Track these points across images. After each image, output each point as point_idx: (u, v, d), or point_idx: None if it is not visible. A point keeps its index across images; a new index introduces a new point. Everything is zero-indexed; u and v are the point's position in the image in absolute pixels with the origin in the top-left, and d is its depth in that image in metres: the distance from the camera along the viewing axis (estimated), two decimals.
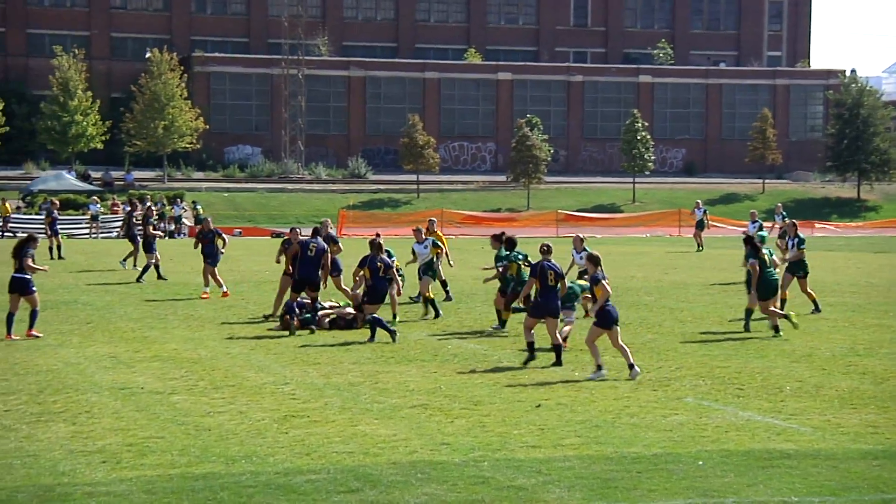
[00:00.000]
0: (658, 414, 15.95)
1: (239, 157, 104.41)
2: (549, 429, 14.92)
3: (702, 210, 58.04)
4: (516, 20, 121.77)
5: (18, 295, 23.29)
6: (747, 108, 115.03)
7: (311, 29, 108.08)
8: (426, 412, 15.94)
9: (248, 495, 11.79)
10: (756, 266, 24.46)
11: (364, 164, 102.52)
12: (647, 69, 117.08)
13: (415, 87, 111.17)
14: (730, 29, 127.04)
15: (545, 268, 20.48)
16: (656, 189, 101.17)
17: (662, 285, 35.80)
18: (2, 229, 67.65)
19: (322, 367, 19.65)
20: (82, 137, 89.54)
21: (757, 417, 15.81)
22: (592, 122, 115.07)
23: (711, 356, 21.26)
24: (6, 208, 68.55)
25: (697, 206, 58.94)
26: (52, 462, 13.03)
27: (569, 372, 19.39)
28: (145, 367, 19.63)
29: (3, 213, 68.32)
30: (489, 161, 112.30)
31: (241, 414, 15.72)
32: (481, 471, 12.78)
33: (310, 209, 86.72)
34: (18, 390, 17.32)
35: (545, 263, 20.59)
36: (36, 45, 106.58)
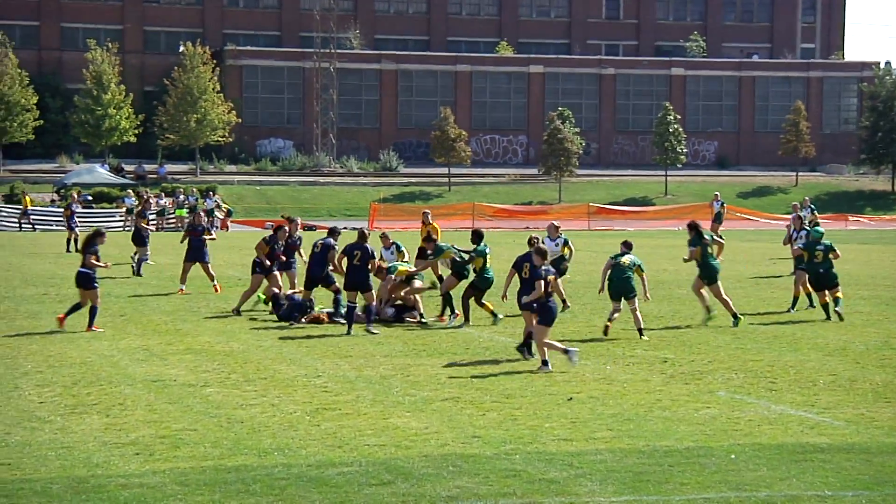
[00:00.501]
0: (690, 407, 15.90)
1: (271, 150, 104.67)
2: (580, 422, 14.90)
3: (720, 203, 57.47)
4: (548, 13, 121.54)
5: (81, 288, 23.75)
6: (780, 101, 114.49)
7: (343, 22, 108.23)
8: (458, 405, 15.94)
9: (280, 487, 11.82)
10: (698, 252, 25.41)
11: (395, 157, 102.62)
12: (680, 62, 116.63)
13: (446, 81, 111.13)
14: (763, 21, 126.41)
15: (521, 260, 20.51)
16: (688, 182, 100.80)
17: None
18: (20, 221, 67.89)
19: (354, 359, 19.69)
20: (115, 131, 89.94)
21: (790, 411, 15.74)
22: (624, 115, 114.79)
23: (744, 349, 21.18)
24: (28, 201, 68.72)
25: (716, 199, 58.26)
26: (86, 454, 13.10)
27: (600, 365, 19.36)
28: (178, 359, 19.71)
29: (25, 207, 68.48)
30: (521, 154, 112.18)
31: (274, 406, 15.76)
32: (513, 464, 12.77)
33: (341, 202, 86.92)
34: (53, 382, 17.42)
35: (523, 256, 20.61)
36: (70, 39, 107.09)
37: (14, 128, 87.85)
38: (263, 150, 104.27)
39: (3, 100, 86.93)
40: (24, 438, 13.78)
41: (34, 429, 14.31)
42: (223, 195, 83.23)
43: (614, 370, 18.89)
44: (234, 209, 79.20)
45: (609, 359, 20.05)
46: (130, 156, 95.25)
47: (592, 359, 20.03)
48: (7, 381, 17.41)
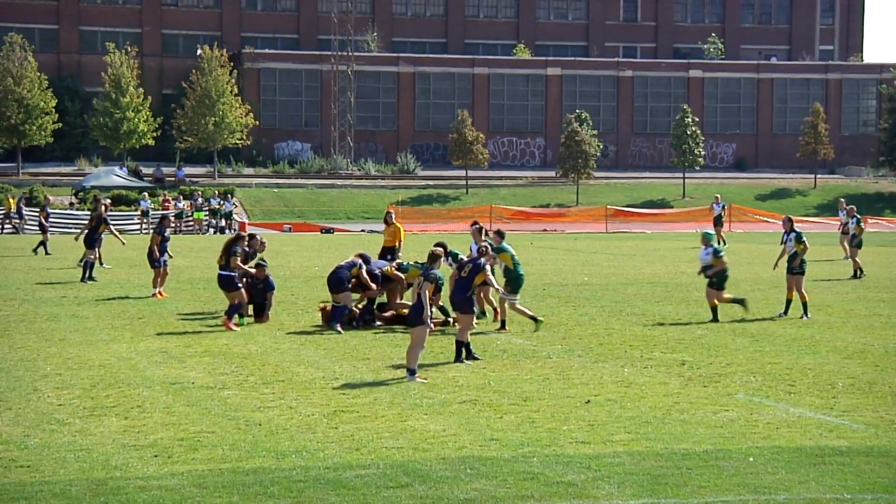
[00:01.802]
0: (708, 410, 15.87)
1: (289, 152, 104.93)
2: (598, 425, 14.88)
3: (720, 205, 57.41)
4: (566, 15, 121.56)
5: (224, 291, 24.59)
6: (799, 103, 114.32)
7: (361, 25, 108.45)
8: (475, 408, 15.94)
9: (298, 490, 11.83)
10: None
11: (413, 159, 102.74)
12: (698, 64, 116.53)
13: (464, 83, 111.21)
14: (781, 23, 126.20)
15: (463, 263, 20.70)
16: (707, 184, 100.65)
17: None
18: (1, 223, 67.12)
19: (371, 362, 19.69)
20: (134, 134, 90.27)
21: (809, 414, 15.69)
22: (642, 117, 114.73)
23: (762, 352, 21.12)
24: (10, 203, 68.04)
25: (716, 201, 58.10)
26: (105, 456, 13.13)
27: (618, 368, 19.34)
28: (196, 361, 19.74)
29: (8, 209, 67.74)
30: (538, 156, 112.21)
31: (291, 409, 15.78)
32: (531, 466, 12.76)
33: (359, 205, 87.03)
34: (72, 385, 17.47)
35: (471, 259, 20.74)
36: (89, 42, 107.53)
37: (33, 131, 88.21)
38: (281, 153, 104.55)
39: (23, 103, 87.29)
40: (43, 440, 13.82)
41: (53, 431, 14.35)
42: (241, 198, 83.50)
43: (632, 373, 18.87)
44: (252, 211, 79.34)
45: (627, 361, 20.02)
46: (149, 159, 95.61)
47: (610, 361, 20.01)
48: (26, 384, 17.47)
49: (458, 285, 20.39)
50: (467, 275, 20.41)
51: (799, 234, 26.96)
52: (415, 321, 18.39)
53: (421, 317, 18.23)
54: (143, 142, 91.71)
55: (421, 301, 18.27)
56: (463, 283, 20.15)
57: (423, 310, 18.22)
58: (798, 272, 26.66)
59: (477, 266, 20.06)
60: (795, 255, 26.73)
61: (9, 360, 19.74)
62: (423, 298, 18.25)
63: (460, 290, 20.38)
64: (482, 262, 19.78)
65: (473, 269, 19.99)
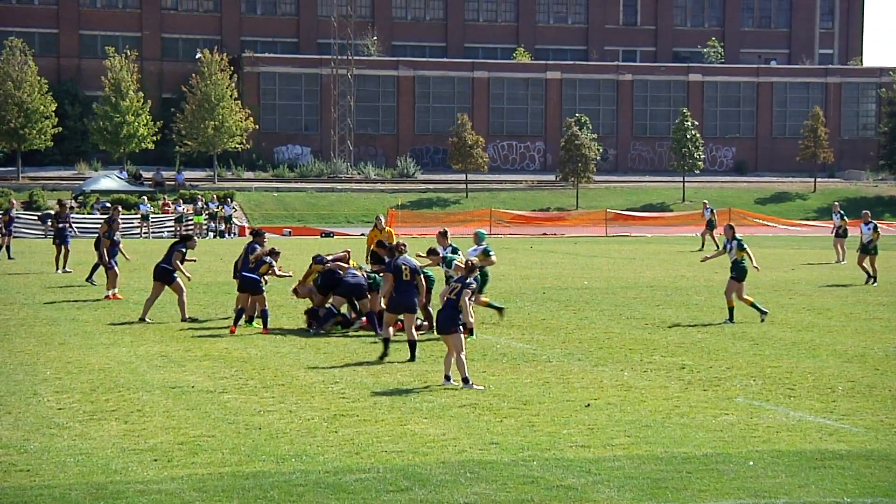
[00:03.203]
0: (708, 414, 15.86)
1: (289, 156, 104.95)
2: (598, 428, 14.88)
3: (709, 210, 58.09)
4: (565, 19, 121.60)
5: (248, 294, 24.54)
6: (799, 107, 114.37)
7: (361, 29, 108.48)
8: (475, 411, 15.94)
9: (298, 494, 11.83)
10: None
11: (413, 163, 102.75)
12: (697, 67, 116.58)
13: (464, 87, 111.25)
14: (781, 27, 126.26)
15: (398, 264, 20.57)
16: (706, 188, 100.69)
17: (712, 284, 35.62)
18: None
19: (371, 366, 19.69)
20: (134, 138, 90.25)
21: (809, 417, 15.69)
22: (642, 121, 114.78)
23: (762, 356, 21.12)
24: None
25: (705, 207, 59.15)
26: (105, 460, 13.13)
27: (618, 372, 19.34)
28: (196, 365, 19.74)
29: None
30: (538, 160, 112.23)
31: (291, 413, 15.78)
32: (531, 470, 12.76)
33: (359, 209, 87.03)
34: (72, 389, 17.47)
35: (398, 260, 20.68)
36: (88, 46, 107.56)
37: (33, 135, 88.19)
38: (281, 157, 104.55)
39: (23, 107, 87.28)
40: (43, 444, 13.82)
41: (53, 435, 14.35)
42: (241, 201, 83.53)
43: (632, 376, 18.87)
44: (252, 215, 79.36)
45: (627, 365, 20.02)
46: (148, 163, 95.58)
47: (610, 365, 20.01)
48: (26, 388, 17.47)
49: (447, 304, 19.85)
50: (408, 278, 20.37)
51: (740, 241, 26.90)
52: (448, 328, 18.42)
53: (455, 324, 18.27)
54: (143, 146, 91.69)
55: (455, 307, 18.31)
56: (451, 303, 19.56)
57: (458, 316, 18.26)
58: (735, 278, 26.50)
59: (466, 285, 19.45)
60: (737, 262, 26.69)
61: (9, 364, 19.74)
62: (464, 305, 18.31)
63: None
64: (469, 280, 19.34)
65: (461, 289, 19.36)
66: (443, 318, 18.53)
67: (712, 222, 56.96)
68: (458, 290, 18.45)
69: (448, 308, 18.48)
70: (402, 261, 20.59)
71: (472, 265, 19.28)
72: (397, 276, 20.43)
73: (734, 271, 26.52)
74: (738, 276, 26.43)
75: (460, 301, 18.32)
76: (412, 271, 20.43)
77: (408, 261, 20.65)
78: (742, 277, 26.44)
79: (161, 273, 26.65)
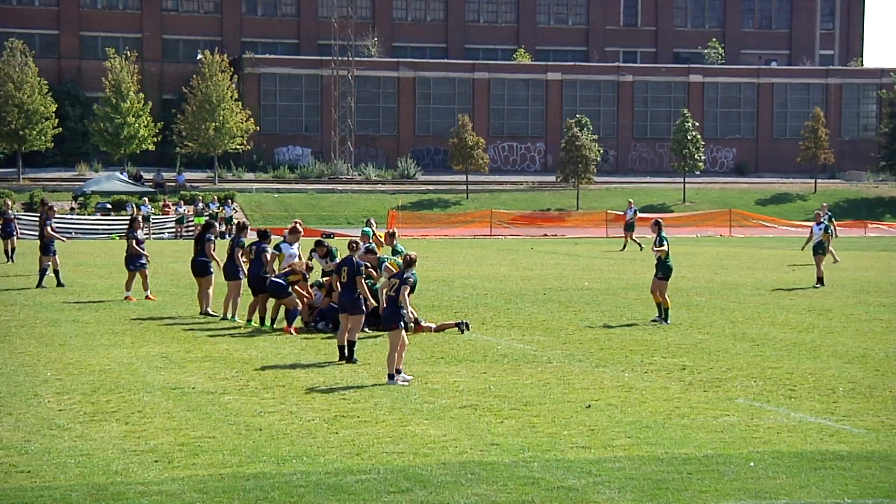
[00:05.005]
0: (709, 415, 15.86)
1: (289, 157, 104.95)
2: (599, 429, 14.88)
3: (633, 210, 58.04)
4: (566, 20, 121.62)
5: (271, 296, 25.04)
6: (799, 108, 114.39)
7: (361, 30, 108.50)
8: (476, 413, 15.93)
9: (298, 495, 11.83)
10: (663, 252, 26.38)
11: (413, 164, 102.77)
12: (698, 69, 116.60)
13: (464, 88, 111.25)
14: (781, 28, 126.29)
15: (340, 264, 20.73)
16: (707, 189, 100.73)
17: (713, 285, 35.62)
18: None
19: (372, 367, 19.68)
20: (134, 139, 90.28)
21: (809, 418, 15.68)
22: (642, 122, 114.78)
23: (763, 357, 21.12)
24: None
25: (629, 206, 58.88)
26: (106, 461, 13.13)
27: (619, 373, 19.33)
28: (197, 367, 19.74)
29: None
30: (539, 161, 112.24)
31: (292, 414, 15.78)
32: (531, 471, 12.76)
33: (359, 210, 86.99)
34: (72, 390, 17.46)
35: (343, 259, 20.76)
36: (89, 47, 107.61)
37: (33, 136, 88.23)
38: (282, 158, 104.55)
39: (23, 108, 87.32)
40: (43, 446, 13.82)
41: (54, 436, 14.35)
42: (241, 203, 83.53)
43: (632, 377, 18.86)
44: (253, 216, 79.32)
45: (627, 366, 20.01)
46: (149, 164, 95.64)
47: (611, 366, 20.01)
48: (27, 389, 17.47)
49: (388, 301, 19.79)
50: (346, 279, 20.36)
51: (663, 238, 26.81)
52: (390, 324, 18.47)
53: (398, 320, 18.42)
54: (144, 147, 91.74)
55: (395, 304, 18.48)
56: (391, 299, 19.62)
57: (400, 312, 18.46)
58: (660, 276, 26.44)
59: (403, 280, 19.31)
60: (660, 259, 26.65)
61: (9, 365, 19.74)
62: (403, 301, 18.50)
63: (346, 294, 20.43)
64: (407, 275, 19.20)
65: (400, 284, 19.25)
66: (386, 314, 18.84)
67: (632, 224, 57.12)
68: (397, 286, 18.62)
69: (390, 305, 18.68)
70: (346, 261, 20.55)
71: (411, 259, 19.21)
72: (339, 276, 20.53)
73: (661, 270, 26.50)
74: (665, 274, 26.46)
75: (399, 297, 18.45)
76: (350, 272, 20.35)
77: (349, 261, 20.57)
78: (668, 276, 26.52)
79: (200, 267, 27.67)
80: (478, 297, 31.69)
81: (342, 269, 20.46)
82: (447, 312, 27.60)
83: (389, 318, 18.56)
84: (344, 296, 20.52)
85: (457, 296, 31.95)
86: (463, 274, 40.01)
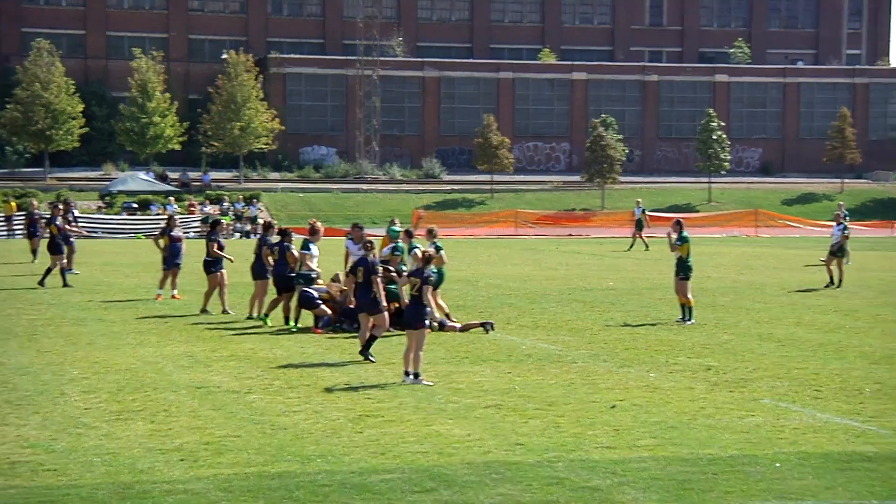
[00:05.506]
0: (734, 415, 15.81)
1: (314, 157, 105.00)
2: (623, 430, 14.84)
3: (640, 209, 58.04)
4: (591, 20, 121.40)
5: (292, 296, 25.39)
6: (826, 107, 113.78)
7: (386, 30, 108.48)
8: (500, 412, 15.92)
9: (323, 494, 11.83)
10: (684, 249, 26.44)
11: (438, 164, 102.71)
12: (724, 68, 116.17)
13: (489, 88, 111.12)
14: (808, 27, 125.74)
15: (356, 264, 20.69)
16: (732, 189, 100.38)
17: (738, 286, 35.50)
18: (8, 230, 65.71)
19: (396, 366, 19.67)
20: (160, 139, 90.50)
21: (835, 419, 15.61)
22: (668, 122, 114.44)
23: (789, 357, 21.03)
24: (11, 207, 67.24)
25: (637, 206, 59.01)
26: (132, 460, 13.16)
27: (644, 373, 19.29)
28: (222, 366, 19.78)
29: (7, 213, 67.02)
30: (563, 161, 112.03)
31: (317, 413, 15.79)
32: (556, 471, 12.74)
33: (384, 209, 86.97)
34: (98, 389, 17.52)
35: (360, 260, 20.77)
36: (115, 47, 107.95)
37: (60, 136, 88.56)
38: (307, 158, 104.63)
39: (50, 108, 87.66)
40: (69, 444, 13.87)
41: (80, 435, 14.40)
42: (266, 202, 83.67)
43: (658, 378, 18.81)
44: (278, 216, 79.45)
45: (652, 366, 19.97)
46: (175, 164, 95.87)
47: (636, 366, 19.96)
48: (53, 388, 17.54)
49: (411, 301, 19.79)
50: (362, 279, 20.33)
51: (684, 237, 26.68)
52: (414, 324, 18.44)
53: (422, 319, 18.40)
54: (170, 147, 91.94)
55: (419, 303, 18.44)
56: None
57: (424, 312, 18.42)
58: (682, 277, 26.40)
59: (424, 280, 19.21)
60: (681, 259, 26.53)
61: (36, 363, 19.83)
62: (427, 301, 18.45)
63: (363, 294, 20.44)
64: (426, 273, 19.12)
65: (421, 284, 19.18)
66: (409, 314, 18.73)
67: (641, 222, 57.13)
68: (419, 285, 18.55)
69: (413, 304, 18.63)
70: (361, 261, 20.55)
71: (429, 256, 19.18)
72: (355, 276, 20.55)
73: (681, 270, 26.40)
74: (686, 274, 26.36)
75: (423, 297, 18.41)
76: (366, 272, 20.34)
77: (364, 261, 20.57)
78: (689, 276, 26.43)
79: (204, 266, 28.21)
80: (502, 297, 31.67)
81: (358, 270, 20.44)
82: (472, 312, 27.59)
83: (413, 317, 18.55)
84: (361, 296, 20.53)
85: (481, 295, 31.94)
86: (487, 274, 39.98)
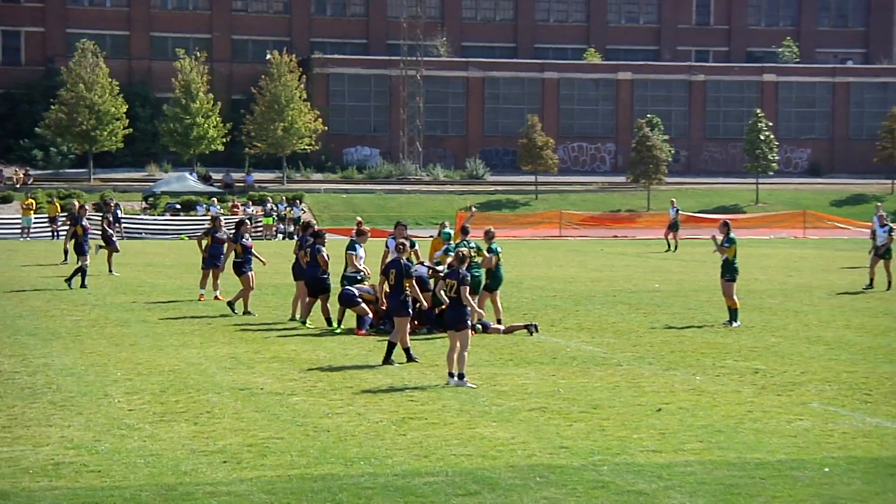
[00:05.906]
0: (782, 419, 15.63)
1: (357, 158, 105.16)
2: (669, 433, 14.70)
3: (675, 210, 57.69)
4: (637, 19, 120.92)
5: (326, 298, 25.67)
6: (876, 107, 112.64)
7: (430, 30, 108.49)
8: (545, 415, 15.81)
9: (366, 497, 11.78)
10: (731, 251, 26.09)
11: (482, 164, 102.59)
12: (772, 68, 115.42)
13: (533, 88, 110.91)
14: (858, 26, 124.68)
15: (388, 266, 20.57)
16: (780, 190, 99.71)
17: (786, 288, 35.20)
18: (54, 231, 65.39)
19: (440, 369, 19.58)
20: (203, 139, 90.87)
21: (886, 423, 15.40)
22: (714, 122, 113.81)
23: (838, 360, 20.80)
24: (55, 208, 67.46)
25: (672, 206, 58.65)
26: (175, 461, 13.15)
27: (690, 376, 19.11)
28: (265, 367, 19.77)
29: (52, 214, 67.25)
30: (609, 162, 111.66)
31: (360, 415, 15.73)
32: (601, 475, 12.62)
33: (428, 210, 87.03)
34: (142, 390, 17.55)
35: (392, 262, 20.65)
36: (159, 48, 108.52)
37: (104, 136, 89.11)
38: (350, 159, 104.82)
39: (94, 109, 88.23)
40: (113, 446, 13.88)
41: (123, 436, 14.41)
42: (309, 203, 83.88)
43: (704, 381, 18.64)
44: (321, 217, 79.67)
45: (699, 369, 19.79)
46: (218, 164, 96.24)
47: (682, 369, 19.80)
48: (97, 389, 17.57)
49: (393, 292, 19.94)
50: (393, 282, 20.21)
51: (732, 239, 26.39)
52: (457, 325, 18.33)
53: (463, 319, 18.32)
54: (213, 147, 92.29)
55: (459, 304, 18.35)
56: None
57: (465, 312, 18.36)
58: (727, 279, 26.11)
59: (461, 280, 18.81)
60: (727, 261, 26.24)
61: (80, 365, 19.89)
62: (467, 301, 18.36)
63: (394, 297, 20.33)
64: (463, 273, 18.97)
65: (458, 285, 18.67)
66: (450, 315, 18.68)
67: (676, 223, 56.85)
68: (456, 287, 18.47)
69: (454, 305, 18.54)
70: (394, 263, 20.47)
71: (463, 256, 19.05)
72: (388, 278, 20.45)
73: (727, 272, 26.15)
74: (732, 276, 26.11)
75: (462, 297, 18.31)
76: (398, 275, 20.20)
77: (397, 263, 20.47)
78: (735, 278, 26.16)
79: (234, 267, 28.52)
80: (547, 299, 31.54)
81: (390, 272, 20.35)
82: (516, 314, 27.48)
83: (454, 318, 18.46)
84: (391, 298, 20.45)
85: (525, 297, 31.83)
86: (532, 275, 39.86)
